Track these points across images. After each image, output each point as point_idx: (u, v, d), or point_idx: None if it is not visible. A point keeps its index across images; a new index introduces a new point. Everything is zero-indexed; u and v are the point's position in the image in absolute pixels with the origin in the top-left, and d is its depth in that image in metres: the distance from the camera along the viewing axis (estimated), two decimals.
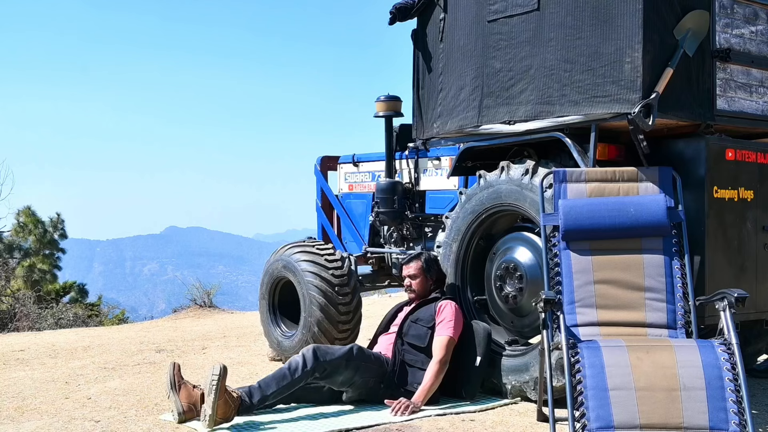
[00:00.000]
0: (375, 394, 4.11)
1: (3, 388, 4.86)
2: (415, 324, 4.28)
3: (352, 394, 4.11)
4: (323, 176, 6.38)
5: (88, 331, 8.64)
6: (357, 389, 4.08)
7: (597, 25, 3.85)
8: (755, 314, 4.06)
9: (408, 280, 4.50)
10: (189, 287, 10.61)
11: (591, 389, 3.06)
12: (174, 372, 3.88)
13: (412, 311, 4.39)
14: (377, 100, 5.60)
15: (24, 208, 19.47)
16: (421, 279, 4.47)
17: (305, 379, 3.92)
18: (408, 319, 4.32)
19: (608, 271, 3.66)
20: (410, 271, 4.50)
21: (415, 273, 4.48)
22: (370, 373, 4.09)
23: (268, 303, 5.71)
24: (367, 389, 4.10)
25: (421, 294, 4.47)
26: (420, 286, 4.47)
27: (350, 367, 4.01)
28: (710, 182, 3.83)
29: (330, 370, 3.96)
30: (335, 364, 3.97)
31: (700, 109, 3.91)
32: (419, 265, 4.49)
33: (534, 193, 4.06)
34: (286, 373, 3.92)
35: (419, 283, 4.48)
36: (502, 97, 4.33)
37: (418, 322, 4.29)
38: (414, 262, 4.52)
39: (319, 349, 3.99)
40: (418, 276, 4.48)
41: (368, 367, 4.09)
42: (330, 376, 3.99)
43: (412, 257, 4.57)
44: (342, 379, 4.02)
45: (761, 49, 4.13)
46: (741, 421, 2.98)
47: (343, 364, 3.99)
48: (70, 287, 18.14)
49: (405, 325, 4.31)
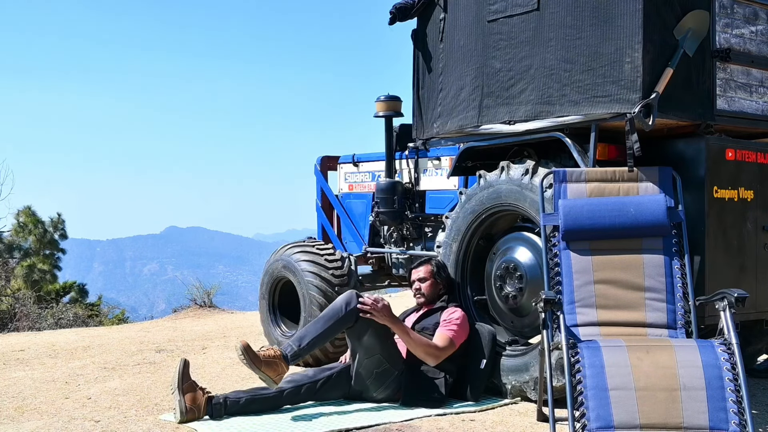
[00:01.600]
0: (381, 381, 4.10)
1: (3, 388, 4.86)
2: (422, 333, 4.27)
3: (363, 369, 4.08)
4: (323, 176, 6.38)
5: (88, 331, 8.64)
6: (371, 364, 4.07)
7: (597, 25, 3.85)
8: (755, 314, 4.06)
9: (417, 284, 4.48)
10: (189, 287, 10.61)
11: (591, 389, 3.06)
12: (182, 370, 3.86)
13: (419, 320, 4.38)
14: (377, 100, 5.60)
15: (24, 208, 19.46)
16: (430, 282, 4.45)
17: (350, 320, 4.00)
18: (414, 329, 4.31)
19: (608, 271, 3.66)
20: (420, 274, 4.48)
21: (425, 276, 4.46)
22: (389, 354, 4.09)
23: (268, 303, 5.71)
24: (381, 371, 4.08)
25: (430, 298, 4.45)
26: (429, 289, 4.45)
27: (379, 335, 4.05)
28: (710, 182, 3.83)
29: (364, 325, 4.02)
30: (369, 320, 4.01)
31: (700, 109, 3.91)
32: (430, 269, 4.47)
33: (534, 193, 4.06)
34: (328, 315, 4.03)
35: (429, 287, 4.46)
36: (502, 97, 4.33)
37: (425, 330, 4.28)
38: (424, 266, 4.50)
39: (360, 294, 4.10)
40: (428, 279, 4.45)
41: (391, 349, 4.10)
42: (359, 332, 4.04)
43: (422, 261, 4.55)
44: (366, 342, 4.05)
45: (761, 49, 4.13)
46: (741, 421, 2.98)
47: (375, 324, 4.03)
48: (70, 287, 18.13)
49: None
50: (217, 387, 4.65)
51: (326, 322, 4.02)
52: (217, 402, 3.85)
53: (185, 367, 3.86)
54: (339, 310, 4.02)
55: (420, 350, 4.10)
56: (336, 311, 4.03)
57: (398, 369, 4.13)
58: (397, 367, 4.13)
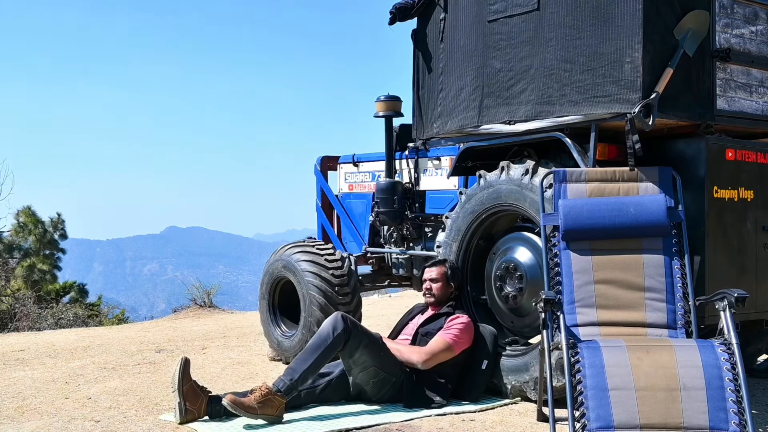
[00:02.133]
0: (380, 388, 4.10)
1: (3, 388, 4.86)
2: (425, 338, 4.27)
3: (360, 380, 4.08)
4: (323, 176, 6.38)
5: (88, 331, 8.63)
6: (367, 376, 4.07)
7: (597, 25, 3.85)
8: (755, 314, 4.06)
9: (428, 283, 4.46)
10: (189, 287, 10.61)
11: (591, 389, 3.06)
12: (183, 369, 3.82)
13: (424, 324, 4.36)
14: (377, 100, 5.60)
15: (24, 208, 19.45)
16: (442, 284, 4.44)
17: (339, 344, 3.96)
18: (419, 333, 4.31)
19: (608, 271, 3.66)
20: (432, 274, 4.46)
21: (437, 277, 4.44)
22: (384, 365, 4.07)
23: (268, 303, 5.71)
24: (378, 380, 4.08)
25: (440, 299, 4.44)
26: (440, 290, 4.44)
27: (371, 350, 4.02)
28: (710, 182, 3.83)
29: (354, 344, 3.99)
30: (359, 338, 4.00)
31: (700, 109, 3.91)
32: (443, 271, 4.45)
33: (534, 193, 4.05)
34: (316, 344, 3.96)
35: (440, 288, 4.44)
36: (502, 97, 4.33)
37: (428, 336, 4.27)
38: (438, 266, 4.48)
39: (345, 316, 4.06)
40: (440, 280, 4.44)
41: (385, 359, 4.08)
42: (351, 351, 4.01)
43: (435, 262, 4.52)
44: (359, 358, 4.02)
45: (761, 49, 4.13)
46: (741, 421, 2.98)
47: (366, 341, 4.01)
48: (70, 287, 18.12)
49: (416, 339, 4.29)
50: (217, 387, 4.65)
51: (315, 352, 3.94)
52: (218, 402, 3.84)
53: (186, 366, 3.84)
54: (327, 337, 3.96)
55: (406, 354, 4.14)
56: (324, 339, 3.96)
57: (396, 376, 4.12)
58: (395, 374, 4.12)
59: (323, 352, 3.94)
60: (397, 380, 4.12)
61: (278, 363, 5.49)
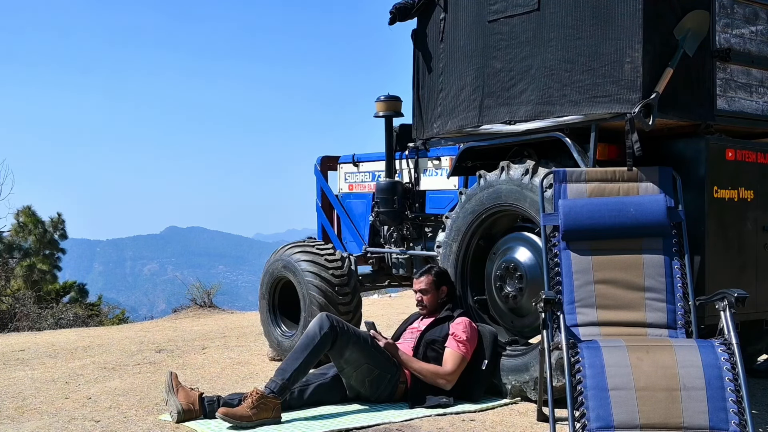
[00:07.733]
0: (376, 386, 4.10)
1: (3, 388, 4.86)
2: (432, 346, 4.25)
3: (355, 382, 4.09)
4: (323, 176, 6.38)
5: (88, 331, 8.64)
6: (361, 375, 4.07)
7: (597, 25, 3.85)
8: (755, 314, 4.06)
9: (419, 295, 4.46)
10: (189, 287, 10.62)
11: (591, 389, 3.06)
12: (171, 377, 3.94)
13: (427, 330, 4.35)
14: (377, 100, 5.60)
15: (24, 208, 19.44)
16: (431, 294, 4.43)
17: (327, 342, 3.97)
18: (423, 341, 4.30)
19: (608, 271, 3.66)
20: (421, 286, 4.46)
21: (425, 288, 4.43)
22: (376, 362, 4.08)
23: (268, 303, 5.71)
24: (373, 378, 4.08)
25: (433, 308, 4.44)
26: (431, 301, 4.44)
27: (361, 347, 4.03)
28: (710, 182, 3.83)
29: (343, 342, 4.00)
30: (347, 336, 4.00)
31: (700, 109, 3.90)
32: (430, 280, 4.44)
33: (534, 193, 4.05)
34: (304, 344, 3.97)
35: (430, 299, 4.44)
36: (503, 97, 4.33)
37: (434, 344, 4.26)
38: (424, 276, 4.46)
39: (331, 316, 4.08)
40: (429, 291, 4.43)
41: (377, 355, 4.09)
42: (340, 350, 4.01)
43: (422, 272, 4.51)
44: (350, 357, 4.03)
45: (761, 49, 4.13)
46: (741, 421, 2.98)
47: (354, 338, 4.02)
48: (70, 287, 18.12)
49: (420, 347, 4.27)
50: (217, 387, 4.66)
51: (303, 352, 3.94)
52: (210, 400, 3.85)
53: (174, 376, 3.95)
54: (314, 336, 3.97)
55: (430, 378, 4.13)
56: (311, 338, 3.97)
57: (390, 372, 4.12)
58: (389, 370, 4.12)
59: (312, 351, 3.94)
60: (392, 377, 4.12)
61: (278, 363, 5.49)
